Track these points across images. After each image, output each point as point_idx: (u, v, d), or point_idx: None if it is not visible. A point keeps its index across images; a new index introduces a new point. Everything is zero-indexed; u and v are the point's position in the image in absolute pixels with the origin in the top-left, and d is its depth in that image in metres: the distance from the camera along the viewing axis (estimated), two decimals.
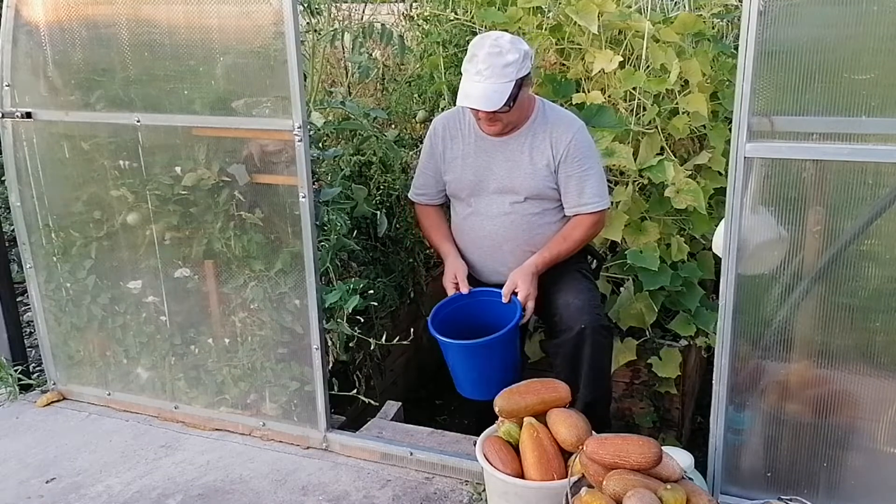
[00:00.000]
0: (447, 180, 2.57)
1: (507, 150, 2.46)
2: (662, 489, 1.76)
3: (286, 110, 2.24)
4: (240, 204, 2.43)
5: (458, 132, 2.53)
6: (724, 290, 1.97)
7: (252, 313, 2.53)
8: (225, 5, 2.29)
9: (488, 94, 2.26)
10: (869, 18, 1.74)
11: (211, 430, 2.65)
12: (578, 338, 2.38)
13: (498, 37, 2.32)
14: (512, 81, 2.26)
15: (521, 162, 2.44)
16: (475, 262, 2.59)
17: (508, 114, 2.34)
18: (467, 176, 2.50)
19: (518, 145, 2.45)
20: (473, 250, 2.58)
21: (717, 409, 2.07)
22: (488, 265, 2.57)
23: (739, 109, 1.83)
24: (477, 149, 2.50)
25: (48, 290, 2.80)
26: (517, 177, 2.45)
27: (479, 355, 2.37)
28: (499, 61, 2.25)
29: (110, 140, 2.55)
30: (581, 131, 2.46)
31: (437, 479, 2.35)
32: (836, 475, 2.03)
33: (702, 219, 3.00)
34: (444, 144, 2.55)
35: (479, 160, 2.49)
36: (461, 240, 2.62)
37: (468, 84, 2.30)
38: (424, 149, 2.63)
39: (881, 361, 1.92)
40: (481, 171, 2.49)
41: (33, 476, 2.43)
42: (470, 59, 2.31)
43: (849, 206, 1.86)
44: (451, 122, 2.55)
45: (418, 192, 2.67)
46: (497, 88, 2.26)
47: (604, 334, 2.45)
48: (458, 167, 2.52)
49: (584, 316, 2.39)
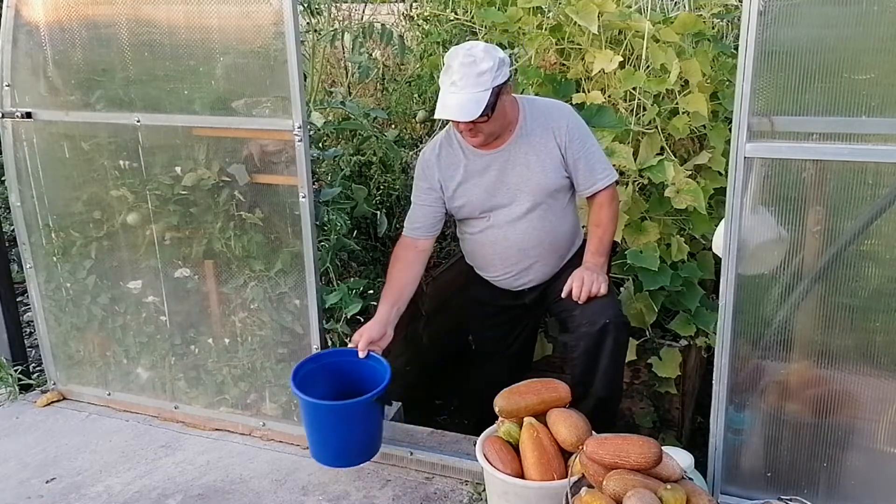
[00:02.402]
0: (458, 206, 2.47)
1: (511, 159, 2.40)
2: (662, 489, 1.76)
3: (286, 110, 2.24)
4: (240, 204, 2.43)
5: (454, 157, 2.44)
6: (724, 290, 1.97)
7: (252, 313, 2.53)
8: (225, 5, 2.29)
9: (464, 105, 2.19)
10: (869, 18, 1.74)
11: (211, 430, 2.65)
12: (601, 333, 2.36)
13: (471, 46, 2.25)
14: (488, 90, 2.19)
15: (530, 163, 2.39)
16: (502, 273, 2.54)
17: (488, 123, 2.27)
18: (479, 196, 2.43)
19: (519, 149, 2.40)
20: (498, 263, 2.52)
21: (717, 409, 2.07)
22: (514, 270, 2.52)
23: (739, 109, 1.83)
24: (480, 167, 2.42)
25: (48, 290, 2.81)
26: (531, 179, 2.39)
27: (331, 418, 2.23)
28: (473, 70, 2.19)
29: (110, 140, 2.55)
30: (571, 113, 2.44)
31: (437, 479, 2.35)
32: (836, 475, 2.03)
33: (702, 219, 3.00)
34: (441, 174, 2.44)
35: (487, 177, 2.41)
36: (483, 254, 2.55)
37: (445, 95, 2.23)
38: (418, 183, 2.50)
39: (881, 361, 1.92)
40: (492, 186, 2.41)
41: (33, 476, 2.43)
42: (445, 70, 2.25)
43: (849, 206, 1.86)
44: (443, 151, 2.46)
45: (413, 227, 2.51)
46: (473, 98, 2.19)
47: (624, 332, 2.45)
48: (468, 191, 2.43)
49: (607, 311, 2.37)
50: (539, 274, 2.53)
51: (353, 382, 2.29)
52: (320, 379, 2.30)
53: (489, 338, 2.78)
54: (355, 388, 2.24)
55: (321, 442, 2.28)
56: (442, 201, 2.48)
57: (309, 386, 2.23)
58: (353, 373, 2.33)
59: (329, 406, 2.21)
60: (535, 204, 2.41)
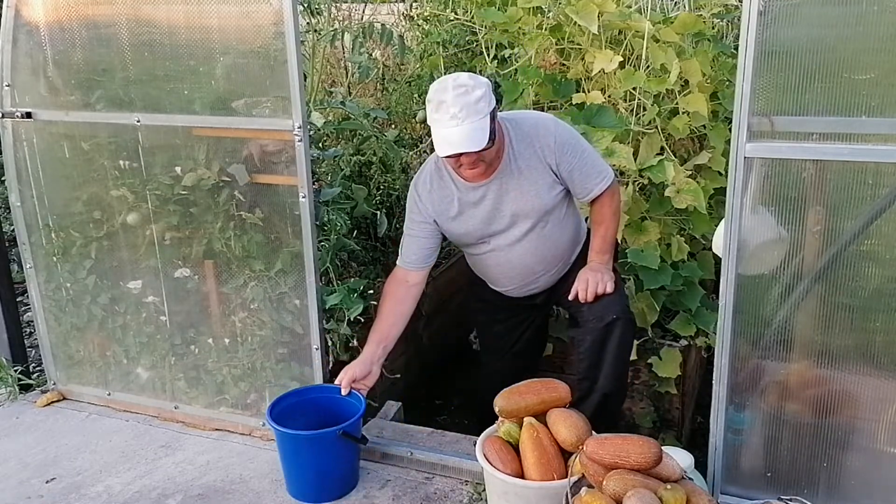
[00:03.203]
0: (455, 237, 2.47)
1: (503, 186, 2.36)
2: (662, 489, 1.76)
3: (286, 110, 2.24)
4: (240, 204, 2.43)
5: (446, 191, 2.40)
6: (724, 290, 1.97)
7: (252, 313, 2.53)
8: (225, 5, 2.29)
9: (471, 136, 2.13)
10: (869, 18, 1.74)
11: (211, 430, 2.65)
12: (608, 328, 2.37)
13: (456, 77, 2.20)
14: (486, 116, 2.15)
15: (523, 188, 2.35)
16: (508, 288, 2.57)
17: (489, 151, 2.23)
18: (476, 226, 2.41)
19: (510, 176, 2.35)
20: (504, 281, 2.55)
21: (717, 409, 2.07)
22: (519, 285, 2.54)
23: (739, 109, 1.83)
24: (474, 199, 2.38)
25: (48, 290, 2.81)
26: (526, 204, 2.37)
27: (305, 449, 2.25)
28: (469, 99, 2.13)
29: (110, 140, 2.55)
30: (556, 125, 2.38)
31: (437, 479, 2.35)
32: (836, 475, 2.03)
33: (702, 219, 3.00)
34: (435, 209, 2.41)
35: (482, 207, 2.38)
36: (487, 273, 2.56)
37: (445, 131, 2.15)
38: (411, 215, 2.46)
39: (881, 361, 1.92)
40: (489, 216, 2.39)
41: (33, 476, 2.43)
42: (437, 107, 2.16)
43: (849, 206, 1.86)
44: (434, 185, 2.41)
45: (407, 260, 2.48)
46: (477, 126, 2.14)
47: (631, 328, 2.45)
48: (464, 223, 2.41)
49: (615, 306, 2.38)
50: (546, 282, 2.56)
51: (333, 417, 2.29)
52: (299, 413, 2.32)
53: (494, 334, 2.77)
54: (331, 424, 2.24)
55: (285, 472, 2.31)
56: (437, 233, 2.46)
57: (288, 418, 2.26)
58: (334, 409, 2.35)
59: (293, 436, 2.22)
60: (534, 224, 2.40)
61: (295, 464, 2.26)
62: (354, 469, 2.34)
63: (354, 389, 2.36)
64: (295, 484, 2.28)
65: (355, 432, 2.27)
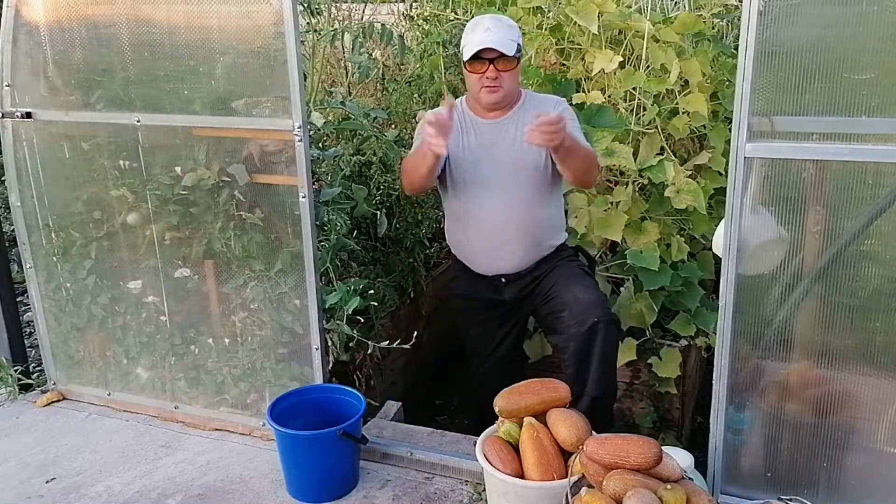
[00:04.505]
0: (454, 153, 2.50)
1: (504, 132, 2.46)
2: (662, 489, 1.76)
3: (286, 110, 2.24)
4: (240, 204, 2.43)
5: (461, 124, 2.51)
6: (724, 290, 1.97)
7: (252, 313, 2.53)
8: (225, 5, 2.29)
9: (501, 41, 2.34)
10: (869, 18, 1.74)
11: (211, 430, 2.65)
12: (591, 332, 2.38)
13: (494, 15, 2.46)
14: (516, 43, 2.37)
15: (517, 140, 2.43)
16: (477, 250, 2.57)
17: (509, 77, 2.40)
18: (468, 160, 2.48)
19: (512, 124, 2.46)
20: (474, 238, 2.56)
21: (717, 409, 2.07)
22: (488, 252, 2.55)
23: (739, 109, 1.83)
24: (480, 131, 2.49)
25: (48, 290, 2.81)
26: (514, 155, 2.44)
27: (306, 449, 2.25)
28: (504, 24, 2.40)
29: (110, 140, 2.55)
30: (567, 107, 2.54)
31: (437, 479, 2.35)
32: (836, 475, 2.03)
33: (702, 219, 3.00)
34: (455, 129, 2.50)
35: (483, 143, 2.48)
36: (462, 231, 2.59)
37: (479, 37, 2.35)
38: None
39: (881, 361, 1.92)
40: (485, 151, 2.47)
41: (33, 476, 2.43)
42: (473, 28, 2.40)
43: (849, 206, 1.86)
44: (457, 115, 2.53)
45: None
46: (508, 37, 2.36)
47: (614, 329, 2.46)
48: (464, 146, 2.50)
49: (596, 310, 2.40)
50: (515, 259, 2.54)
51: (333, 417, 2.30)
52: (299, 413, 2.33)
53: (474, 337, 2.78)
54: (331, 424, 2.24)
55: (285, 472, 2.31)
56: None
57: (289, 418, 2.27)
58: (334, 409, 2.36)
59: (293, 436, 2.22)
60: (517, 179, 2.46)
61: (295, 464, 2.26)
62: (354, 469, 2.34)
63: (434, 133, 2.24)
64: (295, 484, 2.28)
65: (355, 432, 2.27)
